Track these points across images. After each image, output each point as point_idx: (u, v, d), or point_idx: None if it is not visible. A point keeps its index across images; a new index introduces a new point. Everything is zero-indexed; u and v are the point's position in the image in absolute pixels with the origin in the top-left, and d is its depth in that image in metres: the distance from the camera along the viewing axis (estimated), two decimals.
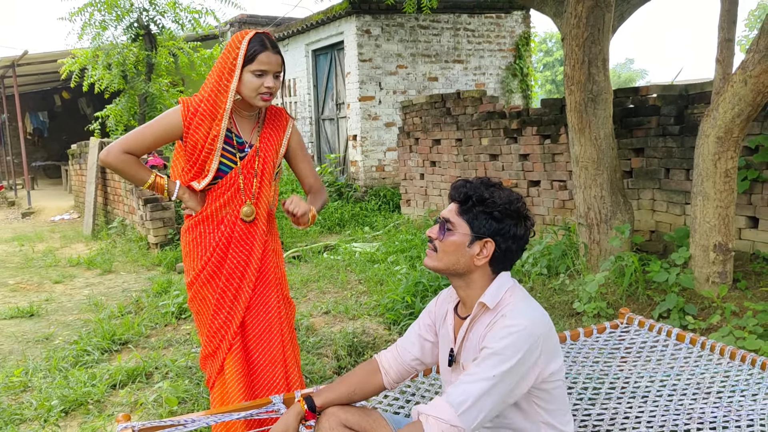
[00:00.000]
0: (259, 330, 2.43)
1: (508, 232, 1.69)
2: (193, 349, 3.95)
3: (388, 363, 1.95)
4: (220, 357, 2.42)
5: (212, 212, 2.39)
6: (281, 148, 2.46)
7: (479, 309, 1.72)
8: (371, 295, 4.86)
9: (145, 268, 6.56)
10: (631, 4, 5.02)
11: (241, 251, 2.41)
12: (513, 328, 1.60)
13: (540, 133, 5.94)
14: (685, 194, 4.76)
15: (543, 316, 1.68)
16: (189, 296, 2.49)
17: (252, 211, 2.39)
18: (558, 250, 4.83)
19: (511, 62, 10.89)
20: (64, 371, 3.64)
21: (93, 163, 9.14)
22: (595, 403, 2.23)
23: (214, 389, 2.47)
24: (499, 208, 1.67)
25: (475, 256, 1.70)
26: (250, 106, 2.35)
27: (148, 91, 9.05)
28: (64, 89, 16.61)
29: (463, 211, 1.71)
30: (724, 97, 3.60)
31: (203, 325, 2.45)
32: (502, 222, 1.68)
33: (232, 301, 2.41)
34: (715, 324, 3.63)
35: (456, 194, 1.74)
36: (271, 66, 2.26)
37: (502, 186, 1.75)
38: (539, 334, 1.61)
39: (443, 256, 1.73)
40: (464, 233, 1.70)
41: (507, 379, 1.58)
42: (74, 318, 4.87)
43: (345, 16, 9.60)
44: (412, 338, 1.94)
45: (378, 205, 9.08)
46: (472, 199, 1.70)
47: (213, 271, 2.40)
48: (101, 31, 8.82)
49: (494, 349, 1.59)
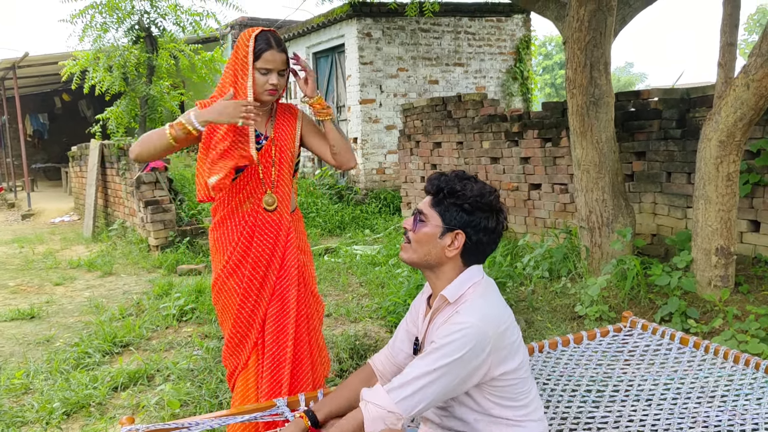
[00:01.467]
0: (278, 325, 2.44)
1: (479, 225, 1.70)
2: (195, 351, 3.95)
3: (382, 366, 1.96)
4: (249, 346, 2.43)
5: (236, 205, 2.43)
6: (296, 137, 2.51)
7: (441, 301, 1.74)
8: (372, 297, 4.86)
9: (146, 271, 6.56)
10: (632, 7, 5.03)
11: (266, 240, 2.43)
12: (461, 325, 1.61)
13: (541, 136, 5.95)
14: (686, 198, 4.76)
15: (499, 314, 1.67)
16: (213, 294, 2.51)
17: (273, 200, 2.43)
18: (559, 253, 4.83)
19: (511, 65, 10.91)
20: (65, 373, 3.63)
21: (94, 164, 9.14)
22: (599, 405, 2.23)
23: (237, 384, 2.48)
24: (470, 201, 1.69)
25: (446, 248, 1.71)
26: (261, 103, 2.40)
27: (149, 93, 9.05)
28: (64, 91, 16.61)
29: (435, 202, 1.73)
30: (726, 101, 3.61)
31: (228, 318, 2.46)
32: (473, 214, 1.70)
33: (258, 290, 2.43)
34: (717, 328, 3.63)
35: (430, 186, 1.76)
36: (275, 64, 2.31)
37: (476, 179, 1.76)
38: (489, 334, 1.61)
39: (417, 247, 1.75)
40: (436, 224, 1.71)
41: (449, 374, 1.60)
42: (75, 320, 4.86)
43: (346, 19, 9.62)
44: (402, 336, 1.95)
45: (378, 208, 9.08)
46: (443, 191, 1.72)
47: (238, 261, 2.42)
48: (102, 33, 8.82)
49: (439, 344, 1.62)
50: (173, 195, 7.55)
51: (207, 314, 4.66)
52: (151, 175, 7.33)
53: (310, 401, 2.12)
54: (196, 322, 4.60)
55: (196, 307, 4.79)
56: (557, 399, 2.27)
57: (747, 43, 36.05)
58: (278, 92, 2.39)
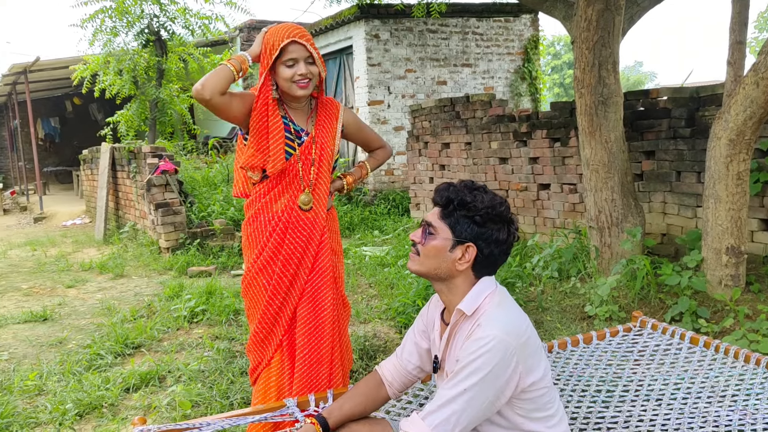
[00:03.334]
0: (311, 326, 2.44)
1: (491, 237, 1.66)
2: (206, 353, 3.98)
3: (390, 375, 1.95)
4: (273, 344, 2.45)
5: (270, 201, 2.43)
6: (337, 134, 2.51)
7: (458, 316, 1.70)
8: (382, 298, 4.87)
9: (157, 273, 6.60)
10: (641, 6, 5.01)
11: (299, 238, 2.43)
12: (484, 340, 1.56)
13: (550, 136, 5.94)
14: (696, 197, 4.74)
15: (519, 324, 1.63)
16: (243, 288, 2.52)
17: (309, 199, 2.43)
18: (569, 253, 4.82)
19: (519, 66, 10.89)
20: (77, 375, 3.66)
21: (104, 168, 9.21)
22: (609, 406, 2.23)
23: (258, 382, 2.49)
24: (481, 212, 1.65)
25: (457, 261, 1.67)
26: (296, 97, 2.39)
27: (158, 96, 9.12)
28: (75, 95, 16.76)
29: (445, 215, 1.69)
30: (735, 99, 3.59)
31: (255, 313, 2.48)
32: (484, 226, 1.66)
33: (288, 288, 2.43)
34: (728, 327, 3.62)
35: (438, 198, 1.72)
36: (299, 53, 2.29)
37: (486, 189, 1.72)
38: (513, 345, 1.57)
39: (425, 260, 1.71)
40: (446, 237, 1.68)
41: (481, 393, 1.56)
42: (87, 322, 4.91)
43: (354, 21, 9.64)
44: (410, 347, 1.94)
45: (387, 209, 9.09)
46: (453, 203, 1.67)
47: (269, 257, 2.43)
48: (112, 37, 8.91)
49: (465, 362, 1.58)
50: (183, 197, 7.60)
51: (217, 316, 4.69)
52: (162, 178, 7.38)
53: (320, 401, 2.13)
54: (207, 324, 4.63)
55: (207, 308, 4.81)
56: (567, 399, 2.27)
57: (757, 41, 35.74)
58: (311, 82, 2.34)
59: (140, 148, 8.11)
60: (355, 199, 9.44)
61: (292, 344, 2.48)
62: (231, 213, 7.85)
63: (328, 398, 2.14)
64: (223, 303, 4.85)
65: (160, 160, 7.60)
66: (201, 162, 11.23)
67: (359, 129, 2.65)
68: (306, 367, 2.42)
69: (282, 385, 2.47)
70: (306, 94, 2.38)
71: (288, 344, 2.48)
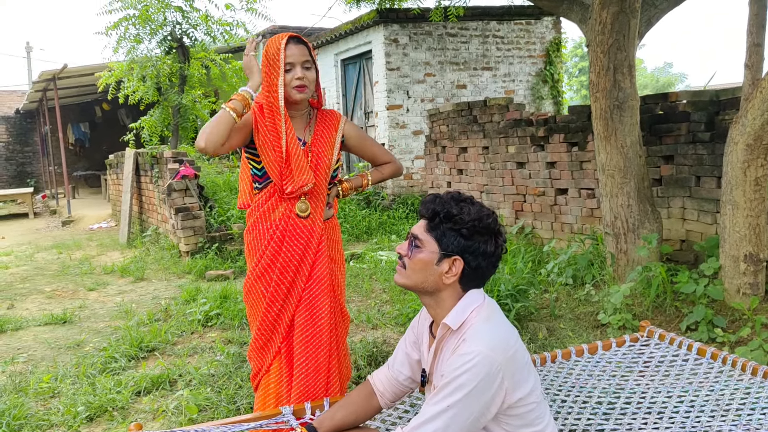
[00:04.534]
0: (307, 334, 2.45)
1: (478, 250, 1.63)
2: (217, 357, 4.01)
3: (382, 385, 1.94)
4: (272, 351, 2.47)
5: (268, 209, 2.45)
6: (335, 144, 2.52)
7: (444, 330, 1.67)
8: (394, 304, 4.86)
9: (176, 276, 6.69)
10: (658, 9, 4.93)
11: (296, 246, 2.44)
12: (469, 355, 1.53)
13: (567, 140, 5.87)
14: (716, 203, 4.62)
15: (505, 339, 1.60)
16: (244, 293, 2.56)
17: (306, 206, 2.45)
18: (584, 259, 4.75)
19: (541, 68, 10.79)
20: (91, 378, 3.72)
21: (128, 172, 9.37)
22: (609, 418, 2.19)
23: (258, 390, 2.52)
24: (468, 225, 1.62)
25: (444, 274, 1.64)
26: (295, 104, 2.41)
27: (181, 102, 9.25)
28: (104, 101, 17.08)
29: (431, 227, 1.66)
30: (753, 103, 3.51)
31: (255, 318, 2.51)
32: (471, 239, 1.62)
33: (285, 296, 2.45)
34: (745, 337, 3.52)
35: (424, 210, 1.69)
36: (295, 57, 2.32)
37: (473, 201, 1.69)
38: (499, 361, 1.54)
39: (411, 273, 1.68)
40: (432, 251, 1.65)
41: (465, 409, 1.53)
42: (105, 325, 4.99)
43: (373, 25, 9.66)
44: (401, 358, 1.93)
45: (405, 214, 9.08)
46: (439, 216, 1.64)
47: (267, 264, 2.45)
48: (136, 44, 9.05)
49: (449, 378, 1.55)
50: (203, 202, 7.69)
51: (231, 320, 4.73)
52: (182, 183, 7.48)
53: (316, 410, 2.14)
54: (221, 328, 4.67)
55: (221, 312, 4.86)
56: (567, 410, 2.23)
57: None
58: (309, 88, 2.36)
59: (162, 153, 8.23)
60: (373, 204, 9.44)
61: (291, 352, 2.49)
62: None
63: (324, 406, 2.14)
64: (237, 307, 4.89)
65: (181, 165, 7.70)
66: (223, 166, 11.35)
67: (362, 143, 2.63)
68: (303, 376, 2.42)
69: (281, 393, 2.48)
70: (305, 98, 2.40)
71: (286, 351, 2.49)
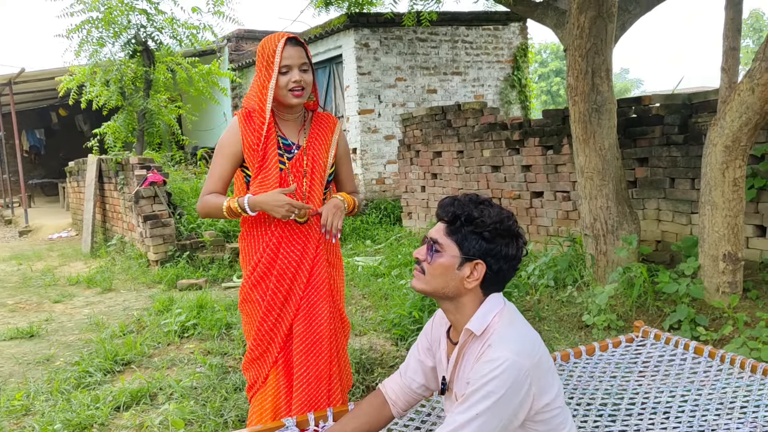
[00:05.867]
0: (307, 343, 2.37)
1: (500, 253, 1.59)
2: (198, 369, 3.89)
3: (394, 394, 1.89)
4: (269, 361, 2.39)
5: (262, 215, 2.36)
6: (331, 148, 2.45)
7: (467, 336, 1.63)
8: (376, 310, 4.81)
9: (146, 286, 6.49)
10: (632, 14, 5.02)
11: (292, 252, 2.37)
12: (496, 362, 1.49)
13: (542, 144, 5.92)
14: (690, 203, 4.73)
15: (532, 344, 1.57)
16: (239, 301, 2.47)
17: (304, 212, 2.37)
18: (564, 261, 4.79)
19: (509, 73, 10.91)
20: (66, 394, 3.56)
21: (91, 180, 9.09)
22: (616, 419, 2.18)
23: (253, 402, 2.42)
24: (490, 228, 1.58)
25: (465, 279, 1.60)
26: (290, 108, 2.35)
27: (146, 107, 9.03)
28: (61, 106, 16.60)
29: (451, 231, 1.61)
30: (731, 105, 3.58)
31: (251, 328, 2.42)
32: (493, 242, 1.58)
33: (282, 304, 2.38)
34: (728, 335, 3.58)
35: (443, 213, 1.64)
36: (293, 59, 2.25)
37: (491, 203, 1.65)
38: (527, 367, 1.50)
39: (431, 279, 1.63)
40: (453, 255, 1.60)
41: (493, 417, 1.49)
42: (75, 338, 4.80)
43: (343, 29, 9.62)
44: (414, 365, 1.88)
45: (379, 218, 9.04)
46: (460, 219, 1.60)
47: (263, 272, 2.37)
48: (99, 47, 8.80)
49: (477, 386, 1.51)
50: (172, 209, 7.50)
51: (209, 330, 4.59)
52: (150, 190, 7.28)
53: (320, 420, 2.07)
54: (198, 338, 4.54)
55: (198, 322, 4.72)
56: (572, 412, 2.21)
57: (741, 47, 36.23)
58: (305, 91, 2.30)
59: (128, 159, 8.01)
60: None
61: (289, 362, 2.41)
62: (221, 224, 7.76)
63: (327, 417, 2.07)
64: (214, 317, 4.76)
65: (149, 171, 7.50)
66: (189, 173, 11.13)
67: (343, 160, 2.54)
68: (304, 386, 2.35)
69: (278, 405, 2.40)
70: (301, 102, 2.34)
71: (284, 362, 2.41)
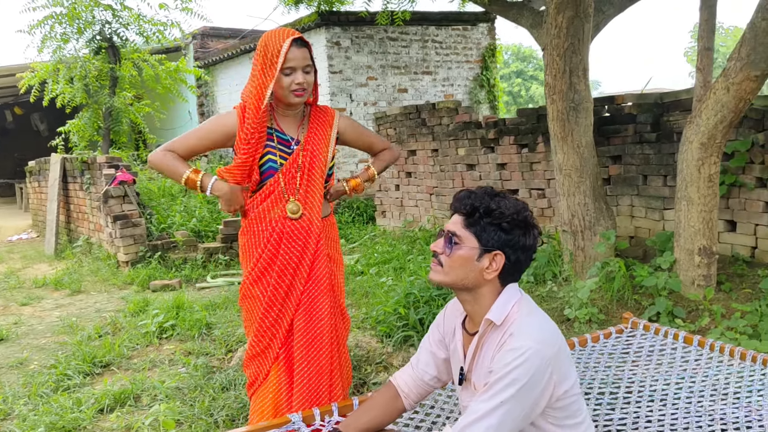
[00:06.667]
0: (308, 338, 2.36)
1: (518, 243, 1.62)
2: (180, 369, 3.82)
3: (406, 386, 1.90)
4: (270, 357, 2.37)
5: (263, 211, 2.37)
6: (331, 142, 2.45)
7: (486, 326, 1.65)
8: (359, 307, 4.80)
9: (117, 288, 6.35)
10: (606, 14, 5.13)
11: (293, 247, 2.36)
12: (520, 350, 1.52)
13: (518, 142, 6.00)
14: (663, 200, 4.86)
15: (552, 332, 1.61)
16: (240, 297, 2.46)
17: (298, 207, 2.37)
18: (543, 257, 4.86)
19: (478, 73, 11.03)
20: (45, 397, 3.46)
21: (55, 179, 8.83)
22: (615, 407, 2.23)
23: (254, 399, 2.40)
24: (508, 219, 1.61)
25: (485, 270, 1.63)
26: (290, 105, 2.36)
27: (112, 105, 8.82)
28: (16, 105, 16.06)
29: (469, 223, 1.64)
30: (706, 104, 3.70)
31: (252, 324, 2.41)
32: (511, 233, 1.61)
33: (284, 299, 2.37)
34: (705, 326, 3.70)
35: (461, 206, 1.66)
36: (297, 61, 2.25)
37: (506, 195, 1.68)
38: (549, 356, 1.54)
39: (450, 270, 1.65)
40: (472, 247, 1.62)
41: (517, 404, 1.52)
42: (48, 341, 4.66)
43: (314, 28, 9.57)
44: (426, 357, 1.89)
45: (352, 217, 9.03)
46: (479, 211, 1.62)
47: (264, 267, 2.37)
48: (62, 43, 8.56)
49: (501, 374, 1.53)
50: (142, 209, 7.34)
51: (188, 330, 4.52)
52: (120, 189, 7.11)
53: (325, 415, 2.06)
54: (178, 339, 4.46)
55: (177, 323, 4.64)
56: None
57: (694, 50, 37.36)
58: (307, 91, 2.31)
59: (94, 158, 7.81)
60: None
61: (290, 358, 2.39)
62: (193, 224, 7.64)
63: (333, 411, 2.06)
64: (193, 317, 4.69)
65: (117, 170, 7.33)
66: (154, 172, 10.92)
67: (358, 134, 2.60)
68: (306, 381, 2.34)
69: (279, 402, 2.38)
70: (302, 101, 2.36)
71: (285, 358, 2.39)
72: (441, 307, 4.08)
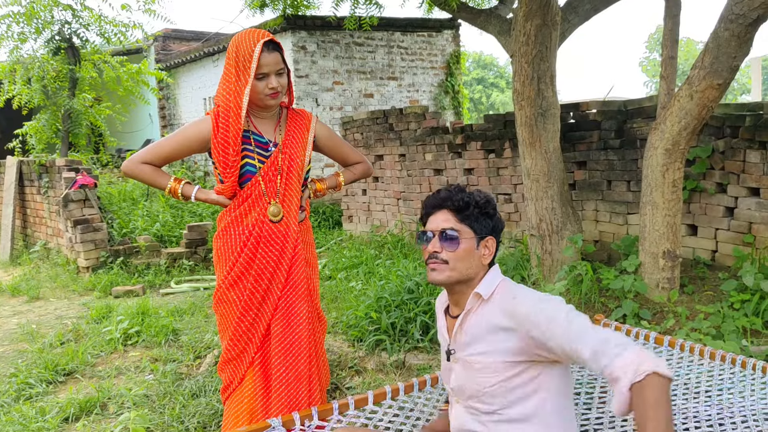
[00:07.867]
0: (286, 344, 2.33)
1: (498, 226, 1.83)
2: (147, 376, 3.74)
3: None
4: (246, 362, 2.34)
5: (241, 214, 2.35)
6: (308, 145, 2.44)
7: (475, 300, 1.76)
8: (329, 312, 4.77)
9: (77, 294, 6.17)
10: (571, 23, 5.24)
11: (271, 251, 2.34)
12: (534, 294, 1.69)
13: (485, 147, 6.07)
14: (627, 204, 4.98)
15: None
16: (214, 303, 2.42)
17: (279, 210, 2.35)
18: (512, 261, 4.93)
19: (442, 79, 11.13)
20: (7, 407, 3.34)
21: (11, 183, 8.54)
22: (591, 407, 2.27)
23: (228, 403, 2.35)
24: (492, 206, 1.82)
25: (483, 256, 1.78)
26: (266, 107, 2.35)
27: (71, 106, 8.58)
28: None
29: (465, 217, 1.78)
30: (671, 111, 3.80)
31: (227, 328, 2.37)
32: (494, 218, 1.82)
33: (260, 303, 2.34)
34: (670, 328, 3.80)
35: (452, 204, 1.79)
36: (270, 67, 2.25)
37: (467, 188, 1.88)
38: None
39: (458, 264, 1.75)
40: (471, 237, 1.77)
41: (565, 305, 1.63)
42: (6, 349, 4.50)
43: (280, 31, 9.51)
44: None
45: (317, 222, 8.99)
46: (471, 205, 1.78)
47: (241, 272, 2.34)
48: (20, 43, 8.30)
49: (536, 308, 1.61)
50: (103, 213, 7.16)
51: (154, 337, 4.42)
52: (80, 193, 6.93)
53: (305, 420, 2.04)
54: (144, 346, 4.36)
55: (142, 330, 4.54)
56: None
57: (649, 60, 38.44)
58: (281, 94, 2.31)
59: (53, 161, 7.59)
60: None
61: (266, 362, 2.37)
62: (156, 229, 7.49)
63: (313, 416, 2.05)
64: (159, 323, 4.59)
65: (78, 173, 7.14)
66: (114, 176, 10.67)
67: (333, 143, 2.58)
68: (284, 386, 2.31)
69: (254, 408, 2.35)
70: (277, 103, 2.36)
71: (261, 362, 2.36)
72: (413, 311, 4.11)
